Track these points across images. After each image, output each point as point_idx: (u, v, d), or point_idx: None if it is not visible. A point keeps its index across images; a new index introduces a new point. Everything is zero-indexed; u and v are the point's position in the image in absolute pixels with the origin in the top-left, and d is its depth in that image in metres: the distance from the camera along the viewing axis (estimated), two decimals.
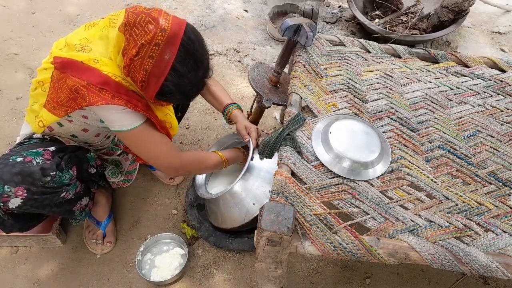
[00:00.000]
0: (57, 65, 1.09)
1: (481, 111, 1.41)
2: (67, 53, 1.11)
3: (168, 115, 1.30)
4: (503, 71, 1.58)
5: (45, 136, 1.31)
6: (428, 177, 1.16)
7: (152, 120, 1.19)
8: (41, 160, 1.12)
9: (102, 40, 1.13)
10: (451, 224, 1.05)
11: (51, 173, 1.12)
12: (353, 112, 1.33)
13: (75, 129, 1.30)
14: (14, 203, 1.09)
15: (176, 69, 1.02)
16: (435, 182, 1.15)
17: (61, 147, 1.26)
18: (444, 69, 1.56)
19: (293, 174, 1.11)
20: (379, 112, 1.35)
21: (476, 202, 1.11)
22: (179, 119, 1.69)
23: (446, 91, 1.47)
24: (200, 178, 1.59)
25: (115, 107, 1.08)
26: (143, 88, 1.06)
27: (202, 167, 1.39)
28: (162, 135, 1.25)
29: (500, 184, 1.18)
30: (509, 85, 1.51)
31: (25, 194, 1.09)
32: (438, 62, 1.59)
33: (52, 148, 1.20)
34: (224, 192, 1.39)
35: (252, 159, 1.37)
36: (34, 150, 1.16)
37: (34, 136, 1.31)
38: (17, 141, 1.34)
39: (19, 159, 1.10)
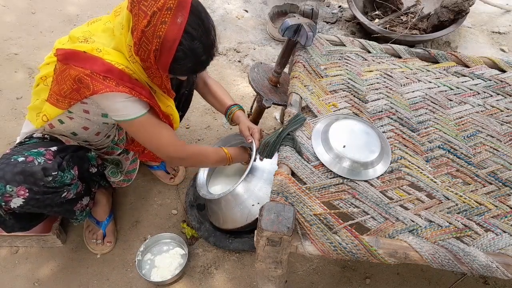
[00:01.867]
0: (59, 57, 1.09)
1: (481, 111, 1.41)
2: (70, 45, 1.11)
3: (170, 108, 1.29)
4: (503, 71, 1.58)
5: (45, 136, 1.31)
6: (428, 177, 1.16)
7: (155, 109, 1.19)
8: (43, 160, 1.12)
9: (105, 32, 1.13)
10: (451, 224, 1.05)
11: (52, 173, 1.12)
12: (353, 112, 1.33)
13: (76, 127, 1.30)
14: (16, 202, 1.09)
15: (189, 32, 1.03)
16: (435, 182, 1.15)
17: (62, 147, 1.25)
18: (444, 69, 1.56)
19: (293, 174, 1.11)
20: (379, 112, 1.35)
21: (476, 202, 1.11)
22: (180, 118, 1.69)
23: (446, 91, 1.47)
24: (202, 177, 1.58)
25: (120, 95, 1.08)
26: (156, 59, 1.05)
27: (206, 160, 1.39)
28: (166, 125, 1.26)
29: (500, 184, 1.18)
30: (509, 85, 1.51)
31: (27, 194, 1.09)
32: (438, 62, 1.59)
33: (53, 148, 1.20)
34: (226, 193, 1.39)
35: (255, 160, 1.37)
36: (36, 150, 1.15)
37: (35, 135, 1.31)
38: (18, 140, 1.34)
39: (21, 158, 1.10)
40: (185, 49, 1.05)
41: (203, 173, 1.60)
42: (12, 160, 1.10)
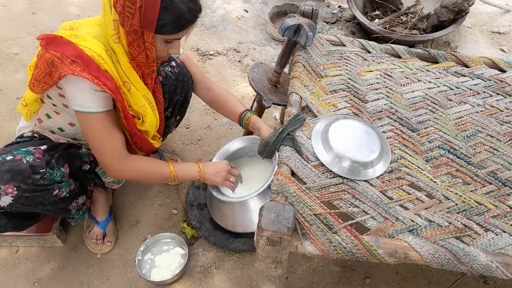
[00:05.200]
0: (42, 42, 1.10)
1: (481, 111, 1.41)
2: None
3: (144, 108, 1.25)
4: (503, 71, 1.58)
5: (35, 135, 1.32)
6: (428, 177, 1.16)
7: (117, 109, 1.17)
8: (32, 159, 1.13)
9: (93, 25, 1.15)
10: (451, 224, 1.05)
11: (41, 171, 1.12)
12: (353, 112, 1.33)
13: (62, 122, 1.30)
14: (5, 201, 1.09)
15: None
16: (435, 182, 1.15)
17: (52, 145, 1.26)
18: (444, 69, 1.56)
19: (293, 174, 1.11)
20: (379, 112, 1.35)
21: (476, 202, 1.12)
22: (177, 122, 1.68)
23: (446, 91, 1.47)
24: None
25: (83, 83, 1.07)
26: (141, 18, 1.03)
27: (147, 178, 1.35)
28: (118, 134, 1.22)
29: (500, 184, 1.18)
30: (509, 85, 1.51)
31: (15, 192, 1.09)
32: (438, 62, 1.59)
33: (43, 147, 1.21)
34: (245, 198, 1.36)
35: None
36: (25, 149, 1.16)
37: (25, 135, 1.32)
38: (16, 135, 1.35)
39: (9, 157, 1.11)
40: (167, 0, 1.03)
41: None
42: (0, 159, 1.10)
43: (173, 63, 1.44)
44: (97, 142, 1.21)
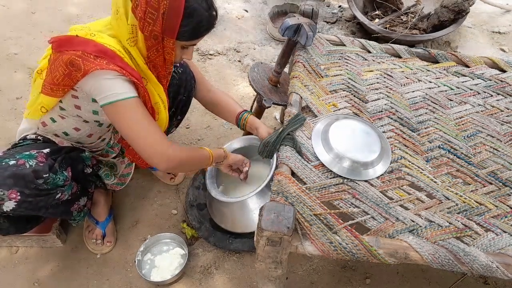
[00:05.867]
0: (54, 45, 1.09)
1: (481, 111, 1.41)
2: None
3: (158, 105, 1.25)
4: (503, 71, 1.58)
5: (38, 137, 1.31)
6: (428, 177, 1.16)
7: (144, 98, 1.16)
8: (35, 163, 1.12)
9: (105, 26, 1.14)
10: (451, 224, 1.05)
11: (43, 176, 1.11)
12: (353, 112, 1.33)
13: (67, 127, 1.29)
14: (8, 206, 1.09)
15: None
16: (435, 182, 1.15)
17: (55, 148, 1.25)
18: (444, 69, 1.56)
19: (293, 174, 1.11)
20: (379, 112, 1.35)
21: (476, 202, 1.11)
22: (178, 122, 1.68)
23: (446, 91, 1.47)
24: (210, 177, 1.54)
25: (109, 72, 1.06)
26: (164, 24, 1.04)
27: (194, 161, 1.30)
28: (154, 120, 1.20)
29: (500, 184, 1.18)
30: (509, 85, 1.51)
31: (19, 197, 1.08)
32: (438, 62, 1.59)
33: (46, 150, 1.19)
34: (244, 198, 1.36)
35: (277, 167, 1.35)
36: (28, 153, 1.15)
37: (28, 137, 1.31)
38: (17, 138, 1.34)
39: (12, 162, 1.10)
40: (190, 7, 1.05)
41: (210, 173, 1.56)
42: (3, 163, 1.09)
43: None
44: (140, 130, 1.13)
